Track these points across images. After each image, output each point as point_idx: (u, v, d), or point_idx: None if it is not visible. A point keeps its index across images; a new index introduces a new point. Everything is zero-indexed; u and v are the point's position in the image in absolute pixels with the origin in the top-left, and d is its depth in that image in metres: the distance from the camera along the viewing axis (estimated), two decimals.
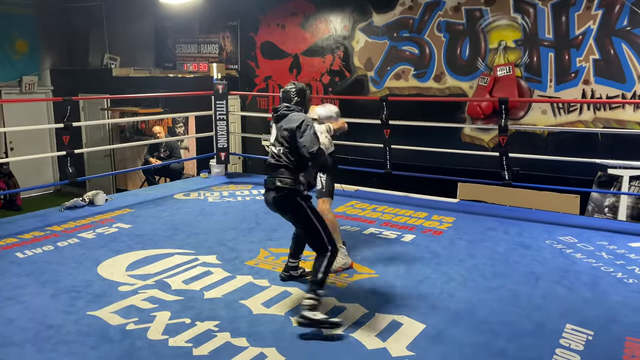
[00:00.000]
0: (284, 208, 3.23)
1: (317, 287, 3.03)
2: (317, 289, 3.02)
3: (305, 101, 3.32)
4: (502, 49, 6.79)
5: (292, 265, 3.66)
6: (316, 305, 2.97)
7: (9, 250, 4.14)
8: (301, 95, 3.29)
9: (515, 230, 4.76)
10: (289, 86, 3.33)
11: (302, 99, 3.30)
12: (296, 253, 3.64)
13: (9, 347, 2.72)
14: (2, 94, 9.82)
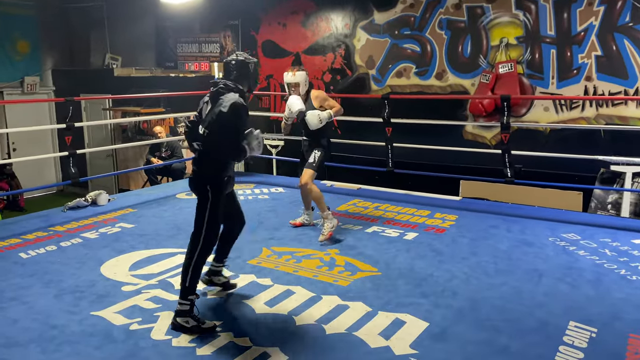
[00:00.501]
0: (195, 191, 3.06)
1: (184, 292, 2.91)
2: (185, 295, 2.90)
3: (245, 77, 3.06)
4: (504, 46, 6.78)
5: (215, 269, 3.39)
6: (187, 311, 2.87)
7: (13, 250, 4.15)
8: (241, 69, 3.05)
9: (518, 227, 4.75)
10: (231, 57, 3.10)
11: (242, 73, 3.06)
12: (221, 255, 3.40)
13: (14, 348, 2.73)
14: (4, 94, 9.84)
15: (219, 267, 3.40)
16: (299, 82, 4.36)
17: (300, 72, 4.37)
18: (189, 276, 2.92)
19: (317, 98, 4.42)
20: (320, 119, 4.33)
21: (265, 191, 6.15)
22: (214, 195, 2.98)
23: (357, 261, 3.93)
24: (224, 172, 3.02)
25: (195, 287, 2.95)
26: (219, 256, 3.39)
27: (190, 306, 2.90)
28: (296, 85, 4.37)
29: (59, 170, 10.75)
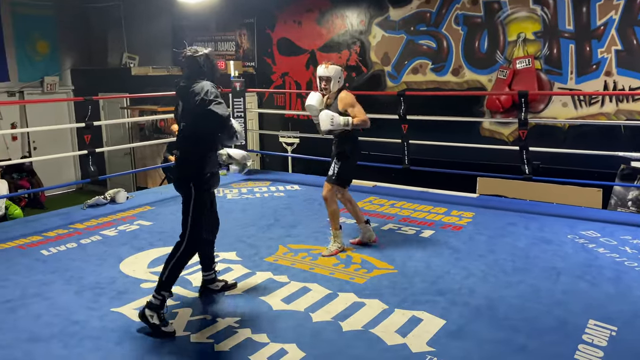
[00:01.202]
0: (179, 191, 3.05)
1: (159, 286, 2.88)
2: (159, 289, 2.88)
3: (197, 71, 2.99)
4: (521, 41, 6.70)
5: (208, 277, 3.35)
6: (156, 306, 2.84)
7: (35, 247, 4.23)
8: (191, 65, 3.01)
9: (536, 225, 4.71)
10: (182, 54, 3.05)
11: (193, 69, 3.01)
12: (209, 262, 3.33)
13: (37, 343, 2.79)
14: (25, 94, 10.01)
15: (210, 274, 3.35)
16: (330, 77, 3.94)
17: (334, 67, 3.97)
18: (167, 273, 2.91)
19: (342, 101, 3.94)
20: (333, 122, 3.86)
21: (281, 189, 6.17)
22: (197, 192, 2.96)
23: (373, 259, 3.93)
24: (205, 169, 2.99)
25: (170, 285, 2.92)
26: (206, 264, 3.33)
27: (161, 302, 2.86)
28: (327, 80, 3.96)
29: (78, 169, 10.91)
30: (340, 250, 4.03)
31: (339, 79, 3.99)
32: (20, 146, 10.12)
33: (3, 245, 4.28)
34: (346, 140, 4.03)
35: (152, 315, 2.84)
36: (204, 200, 3.02)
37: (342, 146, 4.03)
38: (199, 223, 2.98)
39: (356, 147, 4.10)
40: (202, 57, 3.01)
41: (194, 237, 2.98)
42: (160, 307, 2.87)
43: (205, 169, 2.99)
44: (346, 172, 4.03)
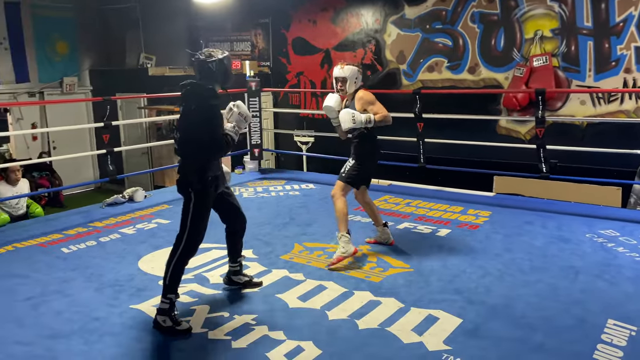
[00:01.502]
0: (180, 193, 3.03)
1: (165, 290, 2.89)
2: (165, 293, 2.89)
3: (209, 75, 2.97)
4: (538, 38, 6.65)
5: (233, 269, 3.39)
6: (165, 309, 2.86)
7: (55, 245, 4.31)
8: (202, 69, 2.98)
9: (553, 224, 4.67)
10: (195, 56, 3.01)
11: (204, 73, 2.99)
12: (234, 254, 3.38)
13: (58, 339, 2.84)
14: (45, 94, 10.17)
15: (236, 266, 3.40)
16: (346, 78, 3.83)
17: (350, 67, 3.86)
18: (169, 276, 2.91)
19: (360, 100, 3.84)
20: (354, 119, 3.73)
21: (296, 187, 6.20)
22: (196, 197, 2.93)
23: (389, 257, 3.93)
24: (206, 173, 2.95)
25: (175, 287, 2.92)
26: (232, 256, 3.38)
27: (169, 305, 2.87)
28: (343, 81, 3.85)
29: (97, 168, 11.05)
30: (345, 257, 3.74)
31: (355, 79, 3.88)
32: (40, 146, 10.29)
33: (25, 243, 4.36)
34: (365, 140, 3.92)
35: (164, 320, 2.87)
36: (205, 204, 2.98)
37: (361, 147, 3.93)
38: (198, 226, 2.95)
39: (375, 149, 4.00)
40: (214, 63, 2.96)
41: (192, 240, 2.96)
42: (170, 309, 2.88)
43: (206, 174, 2.96)
44: (359, 172, 3.90)
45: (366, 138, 3.93)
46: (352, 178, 3.89)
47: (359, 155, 3.93)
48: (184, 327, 2.88)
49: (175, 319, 2.88)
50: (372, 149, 3.97)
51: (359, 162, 3.91)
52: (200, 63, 2.97)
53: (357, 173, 3.89)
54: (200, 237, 3.00)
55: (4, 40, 9.42)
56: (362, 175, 3.95)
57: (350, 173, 3.89)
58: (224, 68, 2.99)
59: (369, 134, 3.93)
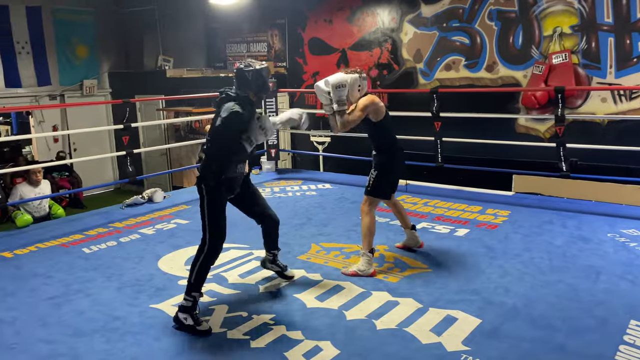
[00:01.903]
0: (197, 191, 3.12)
1: (189, 288, 2.95)
2: (189, 291, 2.94)
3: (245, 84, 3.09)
4: (558, 35, 6.56)
5: (268, 257, 3.54)
6: (188, 307, 2.91)
7: (77, 245, 4.38)
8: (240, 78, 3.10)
9: (573, 223, 4.60)
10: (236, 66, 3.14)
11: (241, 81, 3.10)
12: (268, 246, 3.51)
13: (81, 337, 2.89)
14: (66, 97, 10.35)
15: (271, 256, 3.53)
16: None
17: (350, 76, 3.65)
18: (194, 275, 2.97)
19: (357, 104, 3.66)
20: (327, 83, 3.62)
21: (313, 187, 6.21)
22: (208, 195, 3.01)
23: (406, 258, 3.92)
24: (221, 174, 3.03)
25: (199, 286, 2.98)
26: (267, 248, 3.52)
27: (192, 303, 2.93)
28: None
29: (116, 169, 11.21)
30: (361, 276, 3.58)
31: (358, 86, 3.65)
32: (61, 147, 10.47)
33: (47, 244, 4.45)
34: (381, 150, 3.78)
35: (185, 318, 2.92)
36: (216, 202, 3.04)
37: (379, 157, 3.78)
38: (216, 225, 3.03)
39: (393, 160, 3.78)
40: (251, 72, 3.08)
41: (215, 239, 3.03)
42: (193, 308, 2.93)
43: (220, 175, 3.04)
44: (383, 182, 3.75)
45: (384, 148, 3.77)
46: (377, 189, 3.74)
47: (378, 164, 3.77)
48: (204, 327, 2.91)
49: (197, 318, 2.92)
50: (391, 158, 3.77)
51: (380, 171, 3.75)
52: (239, 72, 3.10)
53: (380, 183, 3.74)
54: (222, 236, 3.07)
55: (26, 45, 9.62)
56: (387, 185, 3.80)
57: (375, 185, 3.73)
58: (260, 78, 3.10)
59: (386, 144, 3.77)
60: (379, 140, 3.79)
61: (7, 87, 9.43)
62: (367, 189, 3.74)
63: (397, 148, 3.80)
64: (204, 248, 3.02)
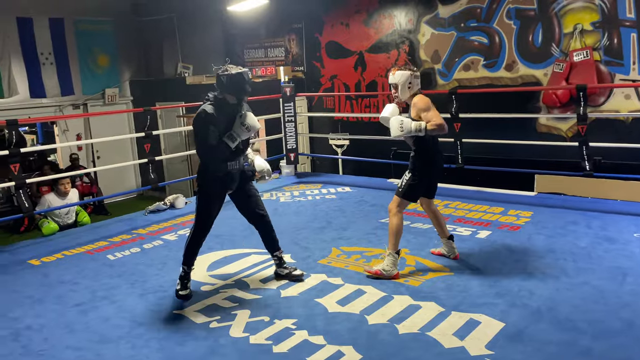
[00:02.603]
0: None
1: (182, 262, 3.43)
2: (182, 264, 3.43)
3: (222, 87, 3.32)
4: (578, 32, 6.46)
5: (275, 262, 3.72)
6: (180, 276, 3.42)
7: (101, 252, 4.46)
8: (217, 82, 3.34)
9: (598, 223, 4.52)
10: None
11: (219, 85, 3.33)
12: (270, 246, 3.69)
13: (107, 344, 2.94)
14: (88, 106, 10.55)
15: (277, 259, 3.71)
16: (397, 84, 3.57)
17: (401, 72, 3.56)
18: (185, 251, 3.46)
19: (415, 106, 3.55)
20: (402, 127, 3.48)
21: (332, 191, 6.21)
22: (200, 192, 3.44)
23: (428, 261, 3.90)
24: (211, 172, 3.38)
25: (189, 260, 3.45)
26: (270, 250, 3.72)
27: (184, 273, 3.43)
28: (395, 87, 3.59)
29: (139, 175, 11.37)
30: (384, 277, 3.56)
31: (409, 84, 3.56)
32: (85, 155, 10.67)
33: (73, 251, 4.54)
34: (421, 152, 3.64)
35: (178, 283, 3.42)
36: (207, 199, 3.44)
37: (417, 159, 3.66)
38: (202, 217, 3.45)
39: (430, 162, 3.66)
40: (226, 77, 3.31)
41: (198, 229, 3.47)
42: (184, 277, 3.42)
43: (211, 173, 3.39)
44: (415, 186, 3.63)
45: (422, 150, 3.64)
46: (408, 192, 3.64)
47: (414, 168, 3.65)
48: (184, 292, 3.39)
49: (184, 284, 3.41)
50: (428, 162, 3.65)
51: (414, 175, 3.63)
52: (217, 76, 3.35)
53: (412, 187, 3.63)
54: (207, 226, 3.49)
55: (50, 55, 9.83)
56: (419, 189, 3.68)
57: (406, 187, 3.63)
58: (235, 82, 3.31)
59: (426, 146, 3.62)
60: (419, 142, 3.62)
61: (32, 98, 9.65)
62: (398, 189, 3.68)
63: (436, 151, 3.72)
64: (190, 233, 3.49)
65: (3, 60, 9.08)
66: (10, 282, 3.92)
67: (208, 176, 3.39)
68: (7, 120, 4.76)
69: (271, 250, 3.71)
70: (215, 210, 3.47)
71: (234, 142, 3.31)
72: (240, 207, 3.63)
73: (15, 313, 3.37)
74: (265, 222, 3.65)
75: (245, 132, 3.34)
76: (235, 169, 3.44)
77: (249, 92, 3.39)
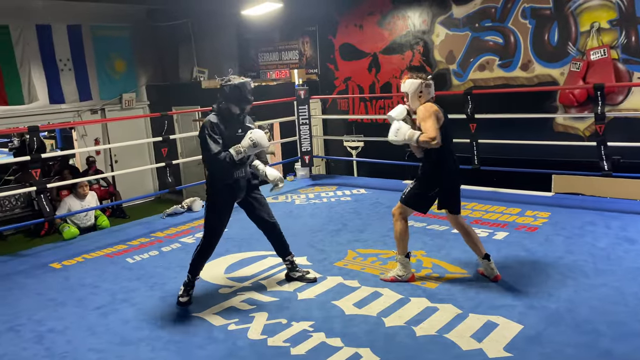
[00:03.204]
0: None
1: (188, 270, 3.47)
2: (188, 272, 3.47)
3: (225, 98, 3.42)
4: (595, 30, 6.39)
5: (287, 266, 3.76)
6: (185, 283, 3.46)
7: (121, 256, 4.53)
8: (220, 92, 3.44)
9: (617, 224, 4.47)
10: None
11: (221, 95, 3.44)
12: (281, 252, 3.75)
13: (127, 346, 2.99)
14: (106, 111, 10.69)
15: (287, 263, 3.76)
16: (407, 92, 3.52)
17: (410, 81, 3.51)
18: (191, 261, 3.49)
19: (417, 114, 3.48)
20: (397, 133, 3.46)
21: (347, 193, 6.22)
22: (209, 201, 3.48)
23: (444, 263, 3.89)
24: (218, 181, 3.45)
25: (195, 271, 3.49)
26: (281, 255, 3.77)
27: (189, 281, 3.47)
28: (406, 95, 3.54)
29: (156, 179, 11.49)
30: (401, 281, 3.54)
31: (419, 92, 3.48)
32: (103, 159, 10.81)
33: (93, 254, 4.61)
34: (426, 161, 3.54)
35: (181, 289, 3.47)
36: (215, 208, 3.47)
37: (423, 168, 3.56)
38: (211, 227, 3.48)
39: (438, 173, 3.50)
40: (228, 87, 3.42)
41: (209, 233, 3.49)
42: (188, 285, 3.47)
43: (217, 182, 3.45)
44: (417, 195, 3.53)
45: (429, 159, 3.52)
46: (410, 200, 3.55)
47: (421, 175, 3.56)
48: (184, 300, 3.44)
49: (186, 291, 3.46)
50: (433, 172, 3.50)
51: (420, 183, 3.54)
52: (220, 87, 3.46)
53: (417, 195, 3.53)
54: (216, 236, 3.51)
55: (68, 62, 9.97)
56: (425, 199, 3.54)
57: (409, 195, 3.55)
58: (238, 92, 3.41)
59: (433, 156, 3.48)
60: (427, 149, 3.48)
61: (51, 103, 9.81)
62: (402, 196, 3.60)
63: (446, 159, 3.49)
64: (199, 244, 3.50)
65: (23, 67, 9.23)
66: (33, 285, 4.00)
67: (216, 186, 3.46)
68: (28, 127, 4.86)
69: (282, 256, 3.77)
70: (224, 220, 3.52)
71: (238, 155, 3.37)
72: (250, 215, 3.69)
73: (38, 315, 3.44)
74: (275, 229, 3.71)
75: (252, 149, 3.40)
76: (242, 177, 3.50)
77: (251, 102, 3.49)
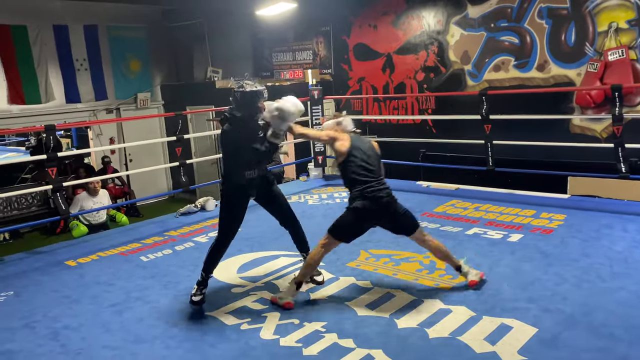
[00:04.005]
0: None
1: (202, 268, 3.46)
2: (202, 270, 3.45)
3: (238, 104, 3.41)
4: (613, 31, 6.30)
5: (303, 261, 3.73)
6: (198, 281, 3.45)
7: (135, 254, 4.57)
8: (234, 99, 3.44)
9: (635, 227, 4.40)
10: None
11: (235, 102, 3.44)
12: (299, 246, 3.75)
13: (142, 344, 3.01)
14: (121, 111, 10.79)
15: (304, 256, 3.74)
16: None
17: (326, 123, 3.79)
18: (205, 259, 3.48)
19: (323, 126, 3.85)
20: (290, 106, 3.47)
21: None
22: (222, 199, 3.53)
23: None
24: (230, 182, 3.50)
25: (209, 268, 3.47)
26: (300, 249, 3.79)
27: (202, 279, 3.44)
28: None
29: (170, 178, 11.57)
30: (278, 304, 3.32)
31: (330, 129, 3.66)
32: (118, 159, 10.92)
33: (107, 252, 4.66)
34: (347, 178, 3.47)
35: (194, 288, 3.43)
36: (229, 207, 3.51)
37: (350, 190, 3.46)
38: (225, 225, 3.50)
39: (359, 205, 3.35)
40: (239, 94, 3.41)
41: (223, 232, 3.51)
42: (200, 282, 3.44)
43: (230, 183, 3.50)
44: (343, 223, 3.42)
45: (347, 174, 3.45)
46: (335, 229, 3.43)
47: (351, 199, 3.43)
48: (197, 299, 3.40)
49: (200, 290, 3.43)
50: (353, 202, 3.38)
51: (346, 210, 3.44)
52: (232, 93, 3.45)
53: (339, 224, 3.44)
54: (231, 234, 3.52)
55: (84, 62, 10.09)
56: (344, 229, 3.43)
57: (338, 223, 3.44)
58: (248, 100, 3.40)
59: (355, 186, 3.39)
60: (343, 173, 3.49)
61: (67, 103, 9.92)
62: (330, 227, 3.43)
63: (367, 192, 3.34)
64: (214, 241, 3.51)
65: (40, 67, 9.36)
66: (48, 282, 4.05)
67: (230, 185, 3.51)
68: (45, 126, 4.92)
69: (302, 249, 3.78)
70: (238, 218, 3.54)
71: (278, 138, 3.45)
72: (269, 209, 3.74)
73: (53, 312, 3.48)
74: (294, 222, 3.74)
75: (280, 122, 3.41)
76: (255, 176, 3.51)
77: (261, 110, 3.48)
